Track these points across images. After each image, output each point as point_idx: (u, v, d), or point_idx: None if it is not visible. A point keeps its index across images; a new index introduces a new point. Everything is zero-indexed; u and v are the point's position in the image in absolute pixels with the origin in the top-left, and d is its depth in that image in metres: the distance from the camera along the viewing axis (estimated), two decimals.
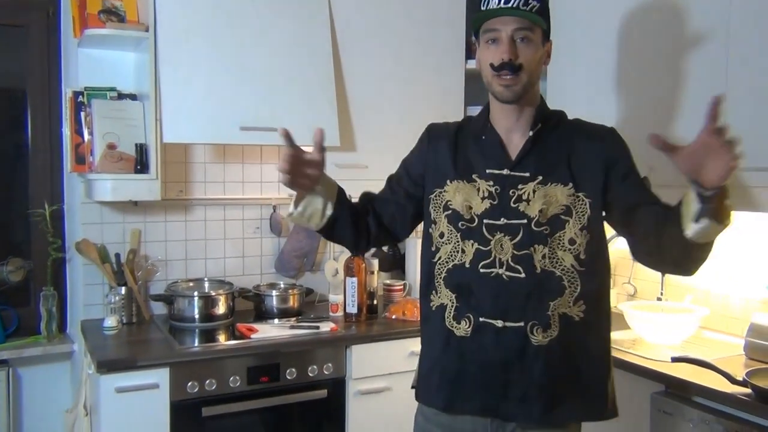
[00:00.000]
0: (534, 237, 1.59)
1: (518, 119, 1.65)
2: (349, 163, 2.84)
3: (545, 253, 1.58)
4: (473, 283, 1.62)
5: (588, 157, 1.62)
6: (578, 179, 1.60)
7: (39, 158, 2.88)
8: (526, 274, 1.59)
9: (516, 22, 1.55)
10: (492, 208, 1.62)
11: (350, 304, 2.85)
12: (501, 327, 1.59)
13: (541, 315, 1.59)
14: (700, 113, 2.24)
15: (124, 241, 2.84)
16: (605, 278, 1.67)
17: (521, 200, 1.60)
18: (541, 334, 1.59)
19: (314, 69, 2.74)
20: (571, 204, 1.59)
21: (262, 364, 2.48)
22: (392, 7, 2.94)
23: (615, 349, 2.35)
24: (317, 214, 1.67)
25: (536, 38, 1.59)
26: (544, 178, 1.60)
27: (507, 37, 1.56)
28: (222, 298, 2.78)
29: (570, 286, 1.59)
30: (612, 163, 1.62)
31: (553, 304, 1.59)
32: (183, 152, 2.96)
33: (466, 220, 1.64)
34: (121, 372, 2.27)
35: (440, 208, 1.69)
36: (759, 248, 2.47)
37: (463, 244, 1.64)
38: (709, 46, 2.23)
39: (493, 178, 1.63)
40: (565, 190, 1.60)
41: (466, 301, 1.63)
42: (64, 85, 2.83)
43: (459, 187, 1.66)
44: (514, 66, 1.56)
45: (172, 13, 2.52)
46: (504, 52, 1.55)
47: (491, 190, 1.63)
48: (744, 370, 2.01)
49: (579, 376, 1.63)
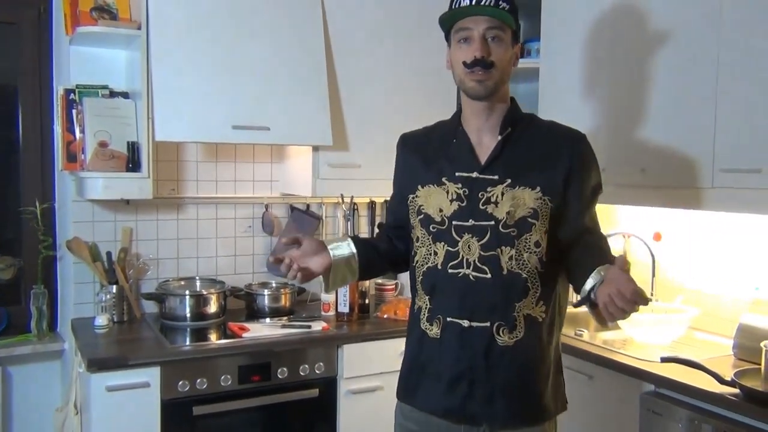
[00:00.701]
0: (501, 239, 1.61)
1: (488, 118, 1.68)
2: (341, 163, 2.84)
3: (512, 254, 1.61)
4: (443, 283, 1.66)
5: (554, 162, 1.64)
6: (546, 183, 1.62)
7: (30, 156, 2.87)
8: (493, 275, 1.61)
9: (487, 22, 1.59)
10: (460, 209, 1.64)
11: (342, 304, 2.86)
12: (467, 327, 1.62)
13: (507, 316, 1.61)
14: (693, 118, 2.27)
15: (115, 239, 2.83)
16: (561, 279, 1.69)
17: (489, 202, 1.63)
18: (507, 334, 1.61)
19: (307, 68, 2.74)
20: (538, 207, 1.62)
21: (254, 363, 2.48)
22: (385, 7, 2.94)
23: (605, 348, 2.37)
24: (348, 273, 1.78)
25: (506, 38, 1.62)
26: (512, 181, 1.63)
27: (479, 35, 1.59)
28: (213, 296, 2.77)
29: (533, 287, 1.62)
30: (569, 174, 1.64)
31: (519, 305, 1.61)
32: (175, 151, 2.95)
33: (437, 223, 1.67)
34: (112, 371, 2.27)
35: (415, 212, 1.73)
36: (748, 249, 2.49)
37: (435, 246, 1.68)
38: (700, 53, 2.24)
39: (462, 181, 1.66)
40: (533, 193, 1.62)
41: (438, 303, 1.68)
42: (55, 82, 2.82)
43: (430, 191, 1.70)
44: (487, 63, 1.59)
45: (164, 11, 2.51)
46: (476, 49, 1.58)
47: (459, 193, 1.65)
48: (732, 370, 2.02)
49: (541, 375, 1.65)
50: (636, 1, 2.46)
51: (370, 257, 1.81)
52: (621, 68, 2.54)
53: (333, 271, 1.75)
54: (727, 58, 2.16)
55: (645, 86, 2.43)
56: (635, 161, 2.46)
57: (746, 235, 2.49)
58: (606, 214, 2.96)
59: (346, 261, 1.76)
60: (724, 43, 2.17)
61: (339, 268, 1.76)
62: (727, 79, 2.16)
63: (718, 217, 2.53)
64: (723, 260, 2.58)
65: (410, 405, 1.74)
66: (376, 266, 1.86)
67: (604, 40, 2.60)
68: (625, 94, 2.52)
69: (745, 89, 2.11)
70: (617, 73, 2.55)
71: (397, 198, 1.84)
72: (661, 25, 2.38)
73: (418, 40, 2.97)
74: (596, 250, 1.60)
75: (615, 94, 2.57)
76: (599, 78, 2.63)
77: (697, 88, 2.25)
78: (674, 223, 2.76)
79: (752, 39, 2.09)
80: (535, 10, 2.93)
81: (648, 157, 2.42)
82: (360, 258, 1.78)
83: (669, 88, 2.35)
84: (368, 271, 1.84)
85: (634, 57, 2.48)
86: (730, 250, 2.55)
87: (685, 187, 2.29)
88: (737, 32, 2.13)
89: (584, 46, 2.68)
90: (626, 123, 2.50)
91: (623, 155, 2.51)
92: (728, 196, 2.16)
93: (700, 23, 2.24)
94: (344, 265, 1.76)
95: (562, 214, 1.65)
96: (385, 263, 1.87)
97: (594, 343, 2.45)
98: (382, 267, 1.89)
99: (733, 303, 2.53)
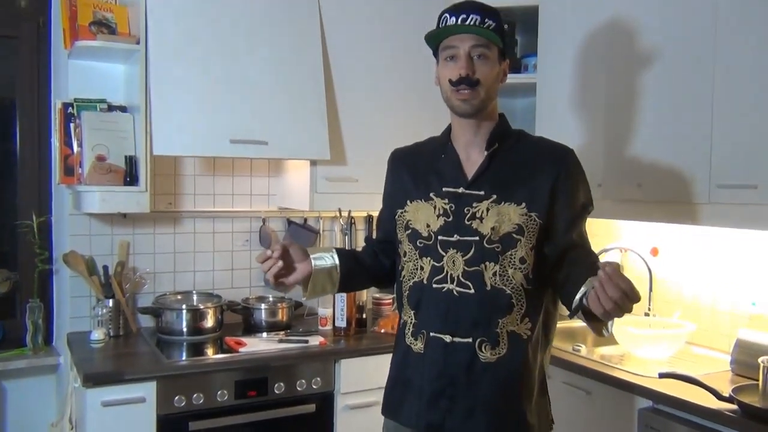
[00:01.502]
0: (485, 254, 1.61)
1: (476, 134, 1.69)
2: (339, 177, 2.85)
3: (496, 270, 1.61)
4: (427, 298, 1.67)
5: (541, 178, 1.64)
6: (531, 199, 1.62)
7: (27, 169, 2.87)
8: (476, 291, 1.61)
9: (473, 40, 1.61)
10: (446, 225, 1.65)
11: (339, 318, 2.85)
12: (449, 342, 1.63)
13: (489, 332, 1.61)
14: (688, 134, 2.28)
15: (112, 253, 2.82)
16: (550, 296, 1.69)
17: (475, 218, 1.63)
18: (489, 351, 1.61)
19: (305, 82, 2.75)
20: (523, 223, 1.61)
21: (250, 378, 2.47)
22: (383, 22, 2.96)
23: (603, 364, 2.37)
24: (328, 282, 1.78)
25: (492, 56, 1.63)
26: (498, 197, 1.63)
27: (465, 53, 1.61)
28: (210, 311, 2.76)
29: (518, 304, 1.62)
30: (555, 189, 1.63)
31: (502, 322, 1.61)
32: (173, 164, 2.95)
33: (424, 238, 1.68)
34: (108, 385, 2.25)
35: (403, 228, 1.74)
36: (746, 265, 2.49)
37: (421, 261, 1.68)
38: (695, 69, 2.26)
39: (449, 196, 1.67)
40: (518, 209, 1.62)
41: (422, 317, 1.68)
42: (53, 96, 2.82)
43: (418, 206, 1.71)
44: (472, 81, 1.61)
45: (163, 25, 2.52)
46: (462, 67, 1.61)
47: (446, 208, 1.66)
48: (730, 386, 2.02)
49: (525, 393, 1.64)
50: (632, 17, 2.48)
51: (352, 271, 1.82)
52: (617, 83, 2.55)
53: (312, 280, 1.75)
54: (722, 73, 2.17)
55: (641, 101, 2.45)
56: (632, 176, 2.47)
57: (743, 251, 2.50)
58: (603, 229, 2.97)
59: (327, 272, 1.77)
60: (719, 59, 2.18)
61: (319, 278, 1.76)
62: (723, 95, 2.17)
63: (716, 232, 2.54)
64: (720, 275, 2.58)
65: (395, 421, 1.75)
66: (358, 280, 1.87)
67: (601, 55, 2.62)
68: (621, 109, 2.53)
69: (741, 105, 2.12)
70: (614, 88, 2.57)
71: (386, 213, 1.85)
72: (656, 41, 2.39)
73: (415, 56, 2.98)
74: (587, 264, 1.57)
75: (611, 109, 2.58)
76: (596, 93, 2.65)
77: (692, 104, 2.26)
78: (671, 237, 2.76)
79: (747, 55, 2.10)
80: (532, 26, 2.95)
81: (644, 172, 2.42)
82: (342, 270, 1.78)
83: (665, 104, 2.36)
84: (349, 284, 1.85)
85: (630, 72, 2.49)
86: (728, 265, 2.55)
87: (681, 203, 2.29)
88: (732, 48, 2.15)
89: (581, 62, 2.70)
90: (623, 138, 2.52)
91: (620, 170, 2.52)
92: (725, 211, 2.17)
93: (695, 39, 2.25)
94: (325, 275, 1.77)
95: (549, 230, 1.64)
96: (367, 278, 1.88)
97: (592, 359, 2.45)
98: (364, 281, 1.91)
99: (731, 318, 2.53)
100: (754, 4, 2.08)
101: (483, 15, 1.61)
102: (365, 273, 1.87)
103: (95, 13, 2.62)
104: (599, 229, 2.96)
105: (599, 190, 2.53)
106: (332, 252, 1.80)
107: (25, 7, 2.84)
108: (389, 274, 1.87)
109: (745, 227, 2.23)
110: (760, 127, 2.06)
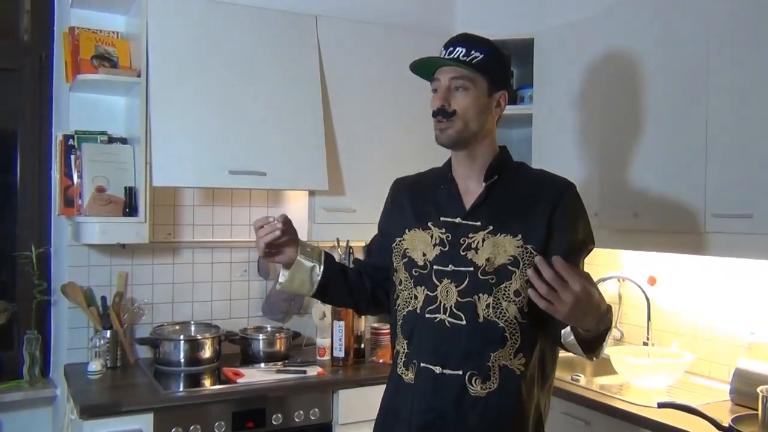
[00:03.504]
0: (479, 285, 1.59)
1: (472, 166, 1.70)
2: (337, 207, 2.86)
3: (489, 302, 1.58)
4: (420, 328, 1.65)
5: (539, 211, 1.62)
6: (527, 231, 1.60)
7: (27, 200, 2.88)
8: (468, 322, 1.59)
9: (453, 72, 1.64)
10: (442, 254, 1.64)
11: (337, 348, 2.84)
12: (439, 374, 1.60)
13: (480, 365, 1.58)
14: (684, 164, 2.30)
15: (110, 283, 2.82)
16: (548, 331, 1.61)
17: (470, 248, 1.62)
18: (479, 385, 1.58)
19: (303, 113, 2.78)
20: (519, 255, 1.59)
21: (248, 410, 2.46)
22: (381, 53, 3.00)
23: (602, 394, 2.36)
24: (306, 281, 1.74)
25: (476, 87, 1.64)
26: (494, 228, 1.62)
27: (444, 86, 1.64)
28: (208, 341, 2.76)
29: (511, 338, 1.58)
30: (552, 223, 1.61)
31: (494, 356, 1.58)
32: (172, 195, 2.97)
33: (419, 267, 1.67)
34: (105, 417, 2.24)
35: (399, 256, 1.73)
36: (743, 294, 2.50)
37: (415, 290, 1.67)
38: (690, 100, 2.29)
39: (446, 226, 1.67)
40: (514, 241, 1.60)
41: (414, 347, 1.66)
42: (54, 128, 2.85)
43: (416, 235, 1.71)
44: (447, 112, 1.63)
45: (164, 59, 2.56)
46: (438, 98, 1.65)
47: (443, 238, 1.66)
48: (730, 416, 2.01)
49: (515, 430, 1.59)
50: (626, 49, 2.52)
51: (333, 281, 1.77)
52: (613, 114, 2.58)
53: (293, 269, 1.72)
54: (715, 104, 2.20)
55: (636, 131, 2.47)
56: (628, 205, 2.48)
57: (741, 280, 2.50)
58: (601, 258, 2.98)
59: (310, 270, 1.73)
60: (711, 90, 2.21)
61: (299, 271, 1.72)
62: (716, 125, 2.20)
63: (713, 261, 2.55)
64: (718, 304, 2.58)
65: None
66: (337, 292, 1.81)
67: (596, 86, 2.66)
68: (617, 139, 2.56)
69: (735, 135, 2.14)
70: (609, 118, 2.60)
71: (381, 239, 1.83)
72: (651, 73, 2.43)
73: (413, 87, 2.99)
74: None
75: (607, 138, 2.61)
76: (591, 124, 2.68)
77: (687, 134, 2.29)
78: (669, 267, 2.77)
79: (739, 86, 2.13)
80: (528, 57, 2.99)
81: (640, 201, 2.44)
82: (324, 273, 1.74)
83: (660, 133, 2.39)
84: (325, 292, 1.78)
85: (625, 103, 2.52)
86: (725, 295, 2.56)
87: (677, 232, 2.31)
88: (724, 80, 2.18)
89: (576, 93, 2.73)
90: (619, 167, 2.54)
91: (616, 200, 2.54)
92: (720, 240, 2.18)
93: (689, 71, 2.29)
94: (305, 271, 1.73)
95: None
96: (347, 293, 1.82)
97: (591, 388, 2.44)
98: (343, 297, 1.84)
99: (729, 347, 2.53)
100: (744, 37, 2.12)
101: (469, 47, 1.62)
102: (345, 287, 1.81)
103: (97, 47, 2.67)
104: (597, 259, 2.97)
105: (595, 220, 2.53)
106: (321, 252, 1.77)
107: (28, 41, 2.88)
108: (368, 298, 1.83)
109: (741, 256, 2.24)
110: (754, 158, 2.09)
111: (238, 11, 2.72)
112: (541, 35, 2.95)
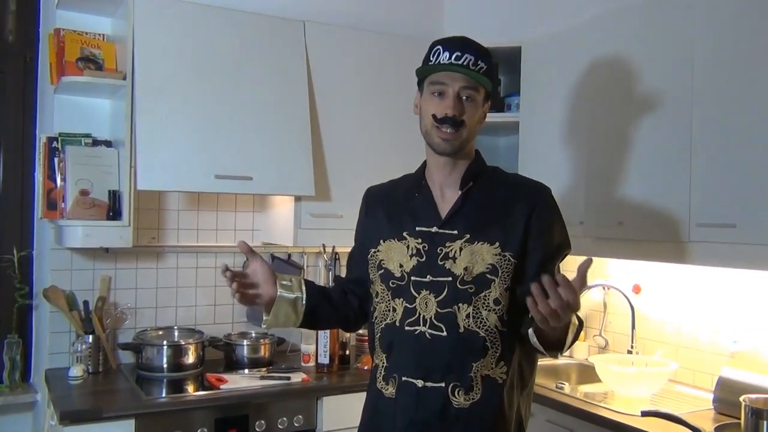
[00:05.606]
0: (458, 295, 1.57)
1: (451, 173, 1.67)
2: (323, 213, 2.85)
3: (469, 312, 1.56)
4: (399, 341, 1.62)
5: (515, 217, 1.61)
6: (505, 239, 1.59)
7: (10, 203, 2.85)
8: (449, 333, 1.57)
9: (464, 81, 1.59)
10: (419, 265, 1.62)
11: (322, 355, 2.83)
12: (421, 387, 1.58)
13: (463, 376, 1.56)
14: (668, 173, 2.32)
15: (93, 288, 2.79)
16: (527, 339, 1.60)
17: (448, 258, 1.59)
18: (462, 396, 1.56)
19: (290, 118, 2.77)
20: (497, 263, 1.57)
21: (231, 416, 2.44)
22: (369, 60, 3.00)
23: (586, 402, 2.36)
24: (291, 314, 1.71)
25: (479, 98, 1.62)
26: (471, 236, 1.59)
27: (454, 93, 1.59)
28: (192, 347, 2.73)
29: (492, 347, 1.57)
30: (528, 227, 1.60)
31: (476, 365, 1.56)
32: (156, 199, 2.95)
33: (397, 278, 1.64)
34: (85, 423, 2.21)
35: (375, 267, 1.70)
36: (727, 303, 2.51)
37: (393, 302, 1.64)
38: (675, 110, 2.30)
39: (422, 236, 1.63)
40: (492, 249, 1.58)
41: (394, 361, 1.63)
42: (38, 130, 2.82)
43: (391, 246, 1.68)
44: (456, 122, 1.59)
45: (150, 62, 2.54)
46: (449, 107, 1.58)
47: (419, 248, 1.63)
48: (713, 424, 2.02)
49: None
50: (612, 59, 2.53)
51: (318, 307, 1.75)
52: (599, 123, 2.60)
53: (276, 306, 1.69)
54: (700, 114, 2.22)
55: (622, 141, 2.48)
56: (613, 214, 2.49)
57: (725, 289, 2.52)
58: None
59: (292, 302, 1.70)
60: (696, 100, 2.23)
61: (282, 306, 1.69)
62: (701, 135, 2.21)
63: (697, 270, 2.56)
64: (702, 313, 2.60)
65: None
66: (324, 318, 1.80)
67: (582, 96, 2.67)
68: (602, 149, 2.57)
69: (720, 145, 2.16)
70: (595, 127, 2.61)
71: (358, 251, 1.81)
72: (636, 83, 2.44)
73: (400, 94, 3.01)
74: None
75: (593, 148, 2.62)
76: (578, 132, 2.69)
77: (672, 144, 2.30)
78: (654, 275, 2.78)
79: (725, 96, 2.15)
80: (515, 66, 3.00)
81: (625, 210, 2.45)
82: (307, 303, 1.72)
83: (645, 143, 2.40)
84: (312, 320, 1.76)
85: (611, 112, 2.54)
86: (709, 303, 2.57)
87: (662, 241, 2.32)
88: (710, 90, 2.19)
89: (563, 102, 2.75)
90: (604, 176, 2.55)
91: (601, 208, 2.55)
92: (704, 250, 2.19)
93: (674, 80, 2.30)
94: (289, 305, 1.70)
95: (522, 270, 1.59)
96: (334, 317, 1.81)
97: (575, 396, 2.44)
98: (330, 320, 1.83)
99: (713, 356, 2.54)
100: (729, 47, 2.14)
101: (477, 56, 1.59)
102: (332, 312, 1.79)
103: (83, 49, 2.65)
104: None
105: (580, 228, 2.56)
106: (301, 282, 1.74)
107: (13, 42, 2.86)
108: (357, 316, 1.82)
109: (725, 265, 2.25)
110: (738, 168, 2.10)
111: (225, 15, 2.71)
112: (528, 44, 2.96)
